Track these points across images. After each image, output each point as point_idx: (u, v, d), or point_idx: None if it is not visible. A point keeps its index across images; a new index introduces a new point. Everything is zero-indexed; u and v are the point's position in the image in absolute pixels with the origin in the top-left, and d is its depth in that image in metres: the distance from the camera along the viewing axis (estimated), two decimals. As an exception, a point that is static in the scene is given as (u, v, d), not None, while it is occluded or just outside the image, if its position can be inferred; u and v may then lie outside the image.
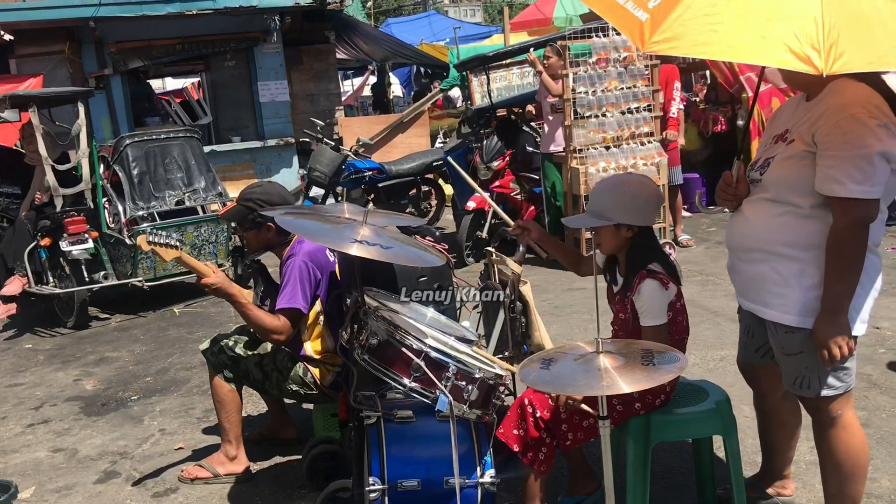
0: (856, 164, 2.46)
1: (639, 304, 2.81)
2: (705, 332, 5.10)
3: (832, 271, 2.55)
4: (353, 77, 20.82)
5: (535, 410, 2.81)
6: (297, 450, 4.03)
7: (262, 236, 3.66)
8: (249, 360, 3.67)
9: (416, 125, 11.47)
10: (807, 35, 2.08)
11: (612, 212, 2.83)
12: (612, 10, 2.35)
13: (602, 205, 2.86)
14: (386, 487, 2.63)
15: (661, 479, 3.43)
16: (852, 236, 2.52)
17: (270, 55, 11.42)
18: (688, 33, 2.18)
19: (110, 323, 7.07)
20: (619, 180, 3.05)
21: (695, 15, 2.19)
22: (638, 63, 6.98)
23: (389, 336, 2.72)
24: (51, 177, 6.71)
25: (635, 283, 2.81)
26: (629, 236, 2.86)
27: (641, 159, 6.91)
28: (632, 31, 2.27)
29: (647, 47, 2.21)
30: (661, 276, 2.81)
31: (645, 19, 2.22)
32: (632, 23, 2.25)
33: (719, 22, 2.17)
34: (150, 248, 3.24)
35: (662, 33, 2.18)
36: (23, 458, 4.36)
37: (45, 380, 5.67)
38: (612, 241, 2.88)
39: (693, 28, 2.18)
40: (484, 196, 3.93)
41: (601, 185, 3.00)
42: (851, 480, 2.76)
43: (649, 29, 2.20)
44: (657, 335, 2.79)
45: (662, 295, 2.79)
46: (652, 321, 2.80)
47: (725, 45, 2.19)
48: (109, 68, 10.49)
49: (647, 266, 2.82)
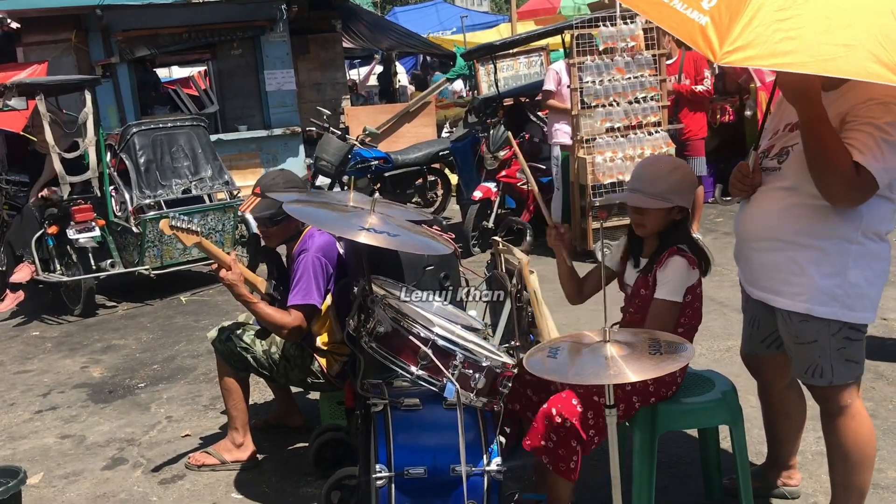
0: (879, 146, 2.44)
1: (661, 275, 2.82)
2: (712, 322, 5.09)
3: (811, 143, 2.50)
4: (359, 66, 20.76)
5: (566, 420, 2.73)
6: (303, 437, 4.05)
7: (288, 231, 3.63)
8: (257, 348, 3.67)
9: (423, 115, 11.45)
10: (890, 40, 1.95)
11: (670, 193, 2.84)
12: (660, 10, 2.13)
13: (659, 186, 2.84)
14: (393, 475, 2.63)
15: (666, 469, 3.43)
16: (845, 185, 2.48)
17: (277, 44, 11.38)
18: (762, 41, 1.97)
19: (117, 311, 7.10)
20: (674, 163, 3.04)
21: (767, 19, 1.99)
22: (645, 53, 6.95)
23: (396, 324, 2.72)
24: (58, 165, 6.72)
25: (664, 257, 2.83)
26: (679, 219, 2.88)
27: (649, 149, 6.88)
28: (692, 38, 2.04)
29: (720, 59, 1.99)
30: (690, 256, 2.83)
31: (705, 23, 2.01)
32: (690, 28, 2.04)
33: (797, 27, 1.98)
34: (171, 232, 3.26)
35: (734, 42, 1.97)
36: (31, 445, 4.38)
37: (53, 367, 5.69)
38: (660, 222, 2.86)
39: (767, 35, 1.97)
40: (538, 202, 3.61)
41: (651, 166, 2.99)
42: (859, 470, 2.76)
43: (716, 36, 1.99)
44: (666, 312, 2.80)
45: (687, 274, 2.81)
46: (667, 295, 2.80)
47: (807, 55, 1.99)
48: (116, 56, 10.47)
49: (677, 244, 2.85)
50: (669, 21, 2.10)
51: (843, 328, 2.65)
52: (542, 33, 8.85)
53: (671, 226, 2.88)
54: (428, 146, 9.55)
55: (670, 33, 2.17)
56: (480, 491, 2.64)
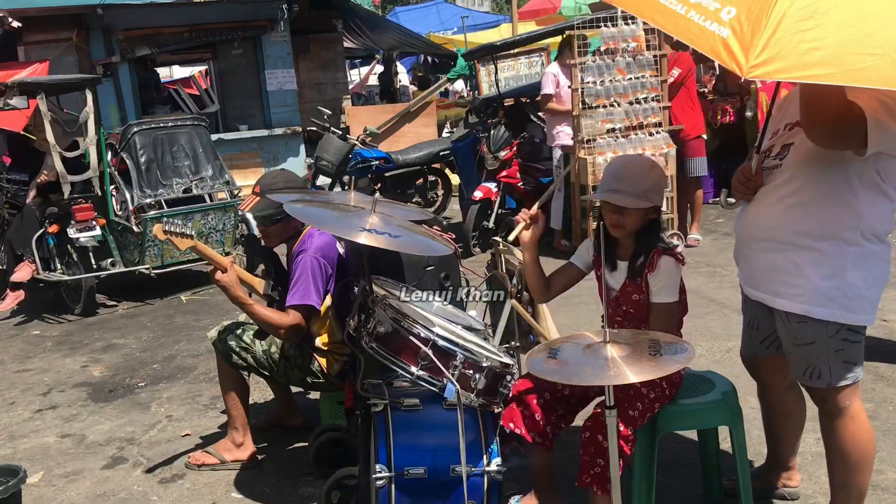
0: (882, 115, 2.43)
1: (655, 280, 2.80)
2: (712, 323, 5.09)
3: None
4: (360, 66, 20.76)
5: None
6: (303, 437, 4.05)
7: (287, 230, 3.63)
8: (257, 348, 3.68)
9: (424, 115, 11.45)
10: None
11: (650, 192, 2.81)
12: (677, 23, 2.06)
13: (641, 185, 2.80)
14: (392, 475, 2.64)
15: (666, 469, 3.43)
16: (833, 118, 2.43)
17: (278, 43, 11.40)
18: (788, 52, 1.91)
19: (117, 310, 7.10)
20: (650, 162, 3.01)
21: (790, 29, 1.93)
22: (646, 53, 6.95)
23: (397, 324, 2.73)
24: (59, 164, 6.73)
25: (654, 258, 2.81)
26: (654, 217, 2.87)
27: (650, 150, 6.89)
28: (715, 51, 1.97)
29: (747, 73, 1.92)
30: (675, 252, 2.84)
31: (726, 35, 1.95)
32: (712, 41, 1.97)
33: (821, 37, 1.93)
34: (165, 237, 3.27)
35: (759, 55, 1.90)
36: (31, 444, 4.39)
37: (53, 366, 5.69)
38: (638, 222, 2.83)
39: (792, 46, 1.90)
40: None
41: (631, 166, 2.95)
42: (858, 471, 2.76)
43: (740, 49, 1.92)
44: (670, 313, 2.80)
45: (677, 272, 2.83)
46: (666, 298, 2.81)
47: (835, 66, 1.93)
48: (117, 56, 10.49)
49: (656, 245, 2.84)
50: (688, 34, 2.04)
51: (841, 330, 2.65)
52: (542, 34, 8.86)
53: (647, 225, 2.85)
54: (429, 146, 9.55)
55: (688, 44, 2.12)
56: (480, 491, 2.65)
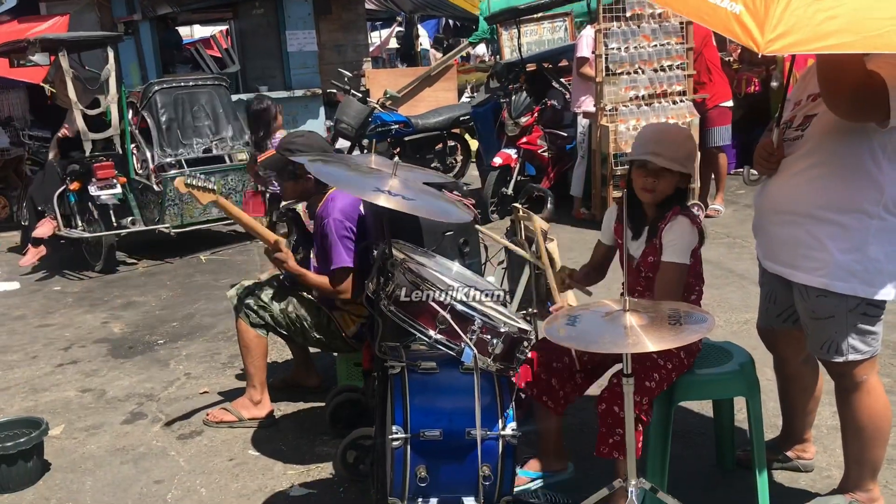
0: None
1: (667, 237, 2.82)
2: (730, 294, 5.07)
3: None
4: (380, 28, 20.59)
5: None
6: (320, 397, 4.09)
7: (299, 186, 3.67)
8: (275, 308, 3.71)
9: (444, 79, 11.34)
10: None
11: (686, 160, 2.87)
12: (687, 2, 2.05)
13: (677, 152, 2.84)
14: (408, 436, 2.66)
15: (680, 439, 3.44)
16: (852, 86, 2.40)
17: (299, 4, 11.31)
18: (804, 24, 1.88)
19: (137, 268, 7.16)
20: (685, 131, 3.07)
21: (804, 0, 1.90)
22: (672, 20, 6.84)
23: (415, 288, 2.73)
24: (80, 121, 6.75)
25: (669, 216, 2.83)
26: (683, 188, 2.90)
27: (673, 118, 6.81)
28: (730, 29, 1.95)
29: (764, 49, 1.90)
30: (693, 214, 2.84)
31: (739, 11, 1.93)
32: (725, 18, 1.94)
33: (836, 5, 1.89)
34: (186, 190, 3.28)
35: (775, 29, 1.88)
36: (53, 397, 4.46)
37: (74, 322, 5.77)
38: (670, 188, 2.86)
39: (808, 17, 1.88)
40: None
41: (670, 132, 3.01)
42: (873, 445, 2.76)
43: (754, 24, 1.90)
44: (675, 273, 2.80)
45: (692, 234, 2.82)
46: (675, 258, 2.80)
47: (853, 34, 1.90)
48: (138, 14, 10.45)
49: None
50: (699, 13, 2.01)
51: (860, 304, 2.63)
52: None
53: (674, 194, 2.88)
54: (449, 111, 9.48)
55: (705, 26, 2.09)
56: (495, 455, 2.66)
